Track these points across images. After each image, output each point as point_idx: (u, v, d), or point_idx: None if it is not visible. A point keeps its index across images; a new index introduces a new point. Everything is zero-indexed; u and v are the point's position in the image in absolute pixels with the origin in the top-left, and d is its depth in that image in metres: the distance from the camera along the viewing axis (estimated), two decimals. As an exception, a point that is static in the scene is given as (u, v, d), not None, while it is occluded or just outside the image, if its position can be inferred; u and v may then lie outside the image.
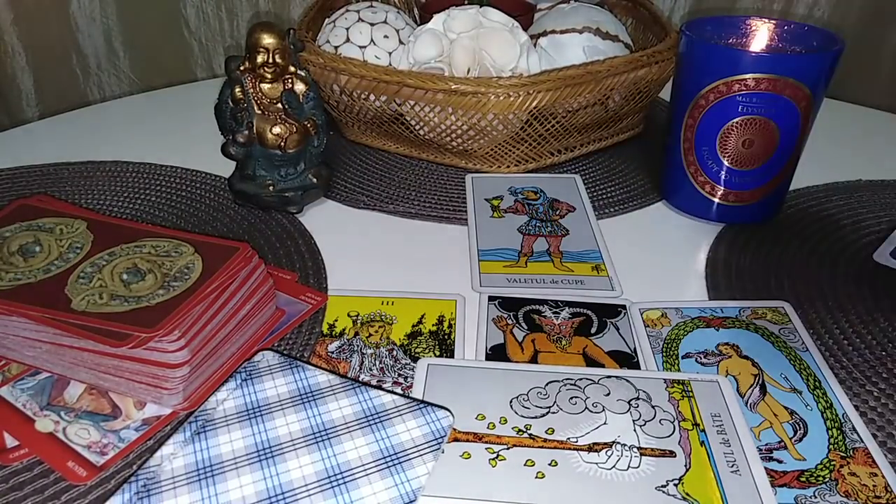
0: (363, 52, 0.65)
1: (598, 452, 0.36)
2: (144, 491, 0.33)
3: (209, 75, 1.10)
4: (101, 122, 0.76)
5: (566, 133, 0.64)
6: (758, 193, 0.56)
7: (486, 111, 0.59)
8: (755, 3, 1.03)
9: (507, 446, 0.37)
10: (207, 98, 0.60)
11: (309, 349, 0.44)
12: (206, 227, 0.57)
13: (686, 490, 0.34)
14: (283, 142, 0.55)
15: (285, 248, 0.54)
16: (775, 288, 0.50)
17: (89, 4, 0.99)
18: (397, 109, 0.63)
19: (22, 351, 0.41)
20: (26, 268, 0.42)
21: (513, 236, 0.56)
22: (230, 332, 0.41)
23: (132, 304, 0.39)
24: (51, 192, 0.61)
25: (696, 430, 0.38)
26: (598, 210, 0.60)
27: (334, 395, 0.39)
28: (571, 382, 0.41)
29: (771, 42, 0.58)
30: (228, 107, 0.56)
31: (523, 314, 0.47)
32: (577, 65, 0.60)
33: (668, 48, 0.64)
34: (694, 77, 0.54)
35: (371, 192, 0.62)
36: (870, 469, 0.36)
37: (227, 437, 0.36)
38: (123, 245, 0.44)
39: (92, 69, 1.04)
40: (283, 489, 0.33)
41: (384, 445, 0.35)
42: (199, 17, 1.06)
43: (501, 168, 0.66)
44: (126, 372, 0.38)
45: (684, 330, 0.46)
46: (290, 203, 0.58)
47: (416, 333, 0.45)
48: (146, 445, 0.37)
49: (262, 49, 0.54)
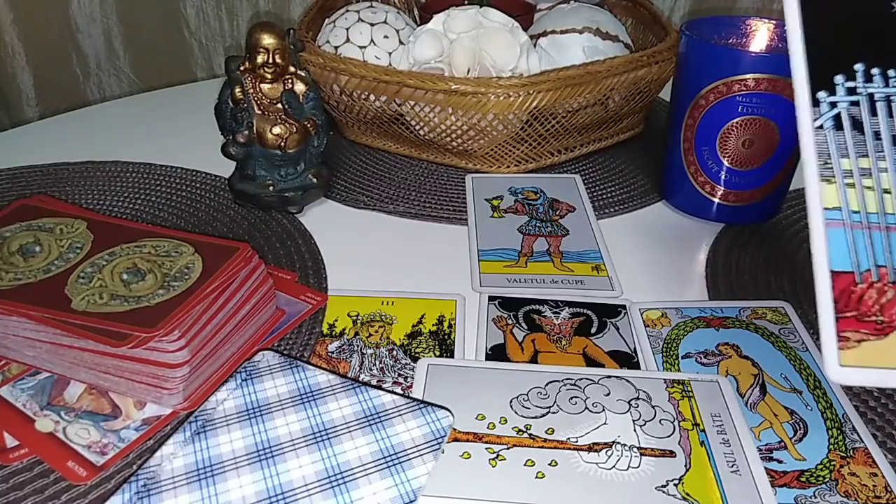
0: (363, 52, 0.65)
1: (598, 452, 0.36)
2: (144, 491, 0.33)
3: (209, 75, 1.10)
4: (101, 122, 0.76)
5: (566, 133, 0.64)
6: (758, 193, 0.56)
7: (486, 111, 0.59)
8: (755, 3, 1.03)
9: (507, 446, 0.37)
10: (207, 98, 0.60)
11: (309, 349, 0.44)
12: (206, 227, 0.57)
13: (686, 490, 0.34)
14: (283, 142, 0.55)
15: (285, 248, 0.54)
16: (775, 288, 0.50)
17: (89, 4, 0.99)
18: (397, 109, 0.63)
19: (22, 351, 0.41)
20: (26, 268, 0.42)
21: (513, 236, 0.56)
22: (230, 332, 0.41)
23: (132, 304, 0.39)
24: (51, 192, 0.61)
25: (696, 430, 0.38)
26: (598, 210, 0.60)
27: (334, 395, 0.39)
28: (571, 382, 0.41)
29: (771, 42, 0.58)
30: (228, 107, 0.56)
31: (523, 314, 0.47)
32: (577, 65, 0.60)
33: (668, 48, 0.64)
34: (694, 77, 0.54)
35: (371, 192, 0.62)
36: (870, 469, 0.36)
37: (227, 437, 0.36)
38: (123, 245, 0.44)
39: (92, 69, 1.04)
40: (283, 489, 0.33)
41: (384, 445, 0.35)
42: (199, 17, 1.06)
43: (501, 168, 0.66)
44: (126, 372, 0.38)
45: (684, 330, 0.46)
46: (290, 203, 0.58)
47: (416, 333, 0.45)
48: (146, 445, 0.37)
49: (262, 49, 0.54)
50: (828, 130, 0.28)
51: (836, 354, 0.26)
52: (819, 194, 0.28)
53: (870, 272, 0.28)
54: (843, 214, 0.28)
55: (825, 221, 0.28)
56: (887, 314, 0.27)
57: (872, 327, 0.27)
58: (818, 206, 0.28)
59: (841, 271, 0.28)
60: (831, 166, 0.28)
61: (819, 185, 0.28)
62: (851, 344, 0.27)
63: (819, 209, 0.28)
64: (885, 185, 0.28)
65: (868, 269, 0.28)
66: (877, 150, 0.29)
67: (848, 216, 0.28)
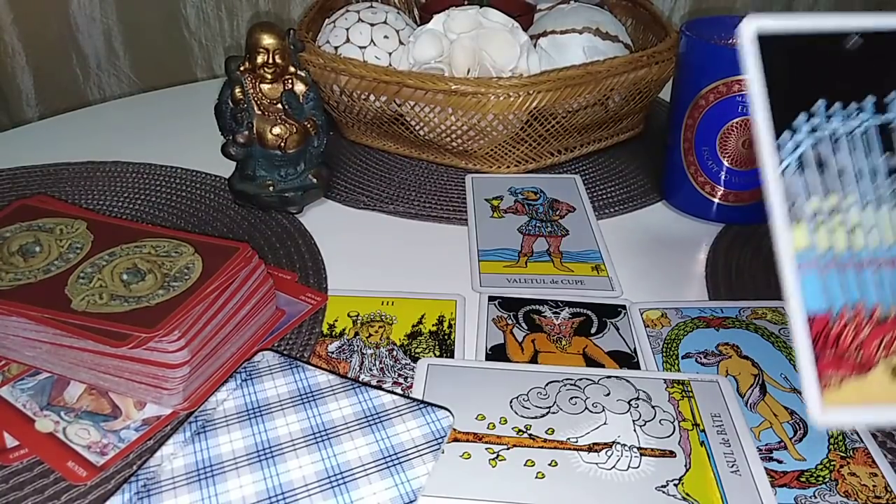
0: (363, 52, 0.65)
1: (598, 452, 0.36)
2: (144, 491, 0.33)
3: (209, 75, 1.10)
4: (101, 122, 0.76)
5: (566, 133, 0.64)
6: (758, 193, 0.56)
7: (486, 111, 0.59)
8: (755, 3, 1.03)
9: (507, 446, 0.37)
10: (207, 98, 0.60)
11: (309, 349, 0.44)
12: (206, 227, 0.57)
13: (686, 490, 0.34)
14: (283, 142, 0.55)
15: (285, 248, 0.54)
16: (775, 288, 0.50)
17: (89, 4, 0.99)
18: (397, 110, 0.63)
19: (22, 351, 0.41)
20: (26, 268, 0.42)
21: (513, 236, 0.56)
22: (230, 332, 0.41)
23: (132, 304, 0.39)
24: (51, 192, 0.61)
25: (696, 430, 0.38)
26: (598, 210, 0.60)
27: (334, 395, 0.39)
28: (571, 382, 0.41)
29: (771, 42, 0.58)
30: (228, 107, 0.56)
31: (523, 314, 0.47)
32: (577, 65, 0.60)
33: (668, 48, 0.64)
34: (694, 77, 0.54)
35: (371, 192, 0.62)
36: (870, 469, 0.36)
37: (227, 437, 0.36)
38: (123, 245, 0.44)
39: (92, 69, 1.04)
40: (283, 489, 0.33)
41: (384, 445, 0.35)
42: (199, 17, 1.06)
43: (501, 168, 0.66)
44: (126, 372, 0.38)
45: (684, 330, 0.46)
46: (290, 203, 0.58)
47: (416, 333, 0.45)
48: (146, 445, 0.37)
49: (262, 49, 0.54)
50: (793, 172, 0.28)
51: (819, 398, 0.26)
52: (789, 238, 0.28)
53: (845, 310, 0.27)
54: (815, 255, 0.28)
55: (797, 265, 0.28)
56: (866, 351, 0.27)
57: (853, 366, 0.27)
58: (789, 249, 0.28)
59: (816, 313, 0.27)
60: (799, 207, 0.28)
61: (788, 228, 0.28)
62: (833, 386, 0.26)
63: (790, 253, 0.28)
64: (853, 221, 0.28)
65: (843, 308, 0.27)
66: (843, 187, 0.28)
67: (819, 256, 0.28)
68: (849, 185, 0.29)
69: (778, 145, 0.28)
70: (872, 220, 0.28)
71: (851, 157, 0.29)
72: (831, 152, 0.29)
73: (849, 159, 0.29)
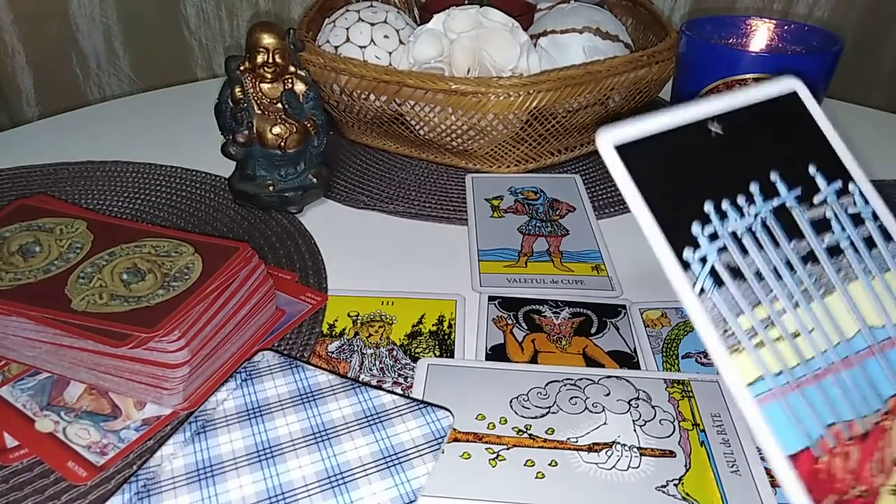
0: (363, 52, 0.65)
1: (598, 452, 0.36)
2: (144, 491, 0.33)
3: (209, 75, 1.10)
4: (101, 122, 0.76)
5: (566, 133, 0.64)
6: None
7: (486, 111, 0.59)
8: (755, 3, 1.03)
9: (507, 446, 0.37)
10: (207, 98, 0.60)
11: (309, 349, 0.44)
12: (206, 227, 0.57)
13: (686, 490, 0.34)
14: (283, 142, 0.55)
15: (285, 248, 0.54)
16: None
17: (89, 4, 0.99)
18: (397, 109, 0.63)
19: (22, 351, 0.41)
20: (26, 268, 0.42)
21: (513, 236, 0.56)
22: (230, 332, 0.41)
23: (132, 304, 0.39)
24: (51, 192, 0.61)
25: (696, 430, 0.38)
26: (598, 210, 0.60)
27: (334, 395, 0.39)
28: (571, 382, 0.41)
29: (771, 42, 0.58)
30: (228, 107, 0.56)
31: (523, 314, 0.47)
32: (577, 65, 0.60)
33: (668, 48, 0.64)
34: (694, 77, 0.54)
35: (371, 192, 0.62)
36: (870, 469, 0.36)
37: (227, 437, 0.36)
38: (123, 245, 0.44)
39: (92, 69, 1.04)
40: (283, 489, 0.33)
41: (384, 445, 0.35)
42: (199, 17, 1.06)
43: (501, 168, 0.66)
44: (126, 372, 0.38)
45: (684, 330, 0.46)
46: (290, 203, 0.58)
47: (416, 333, 0.45)
48: (146, 445, 0.37)
49: (262, 49, 0.54)
50: (711, 291, 0.25)
51: None
52: (735, 373, 0.24)
53: (824, 438, 0.24)
54: (769, 383, 0.24)
55: (755, 401, 0.24)
56: (863, 479, 0.24)
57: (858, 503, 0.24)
58: (741, 385, 0.24)
59: (797, 452, 0.24)
60: (732, 332, 0.24)
61: (730, 360, 0.24)
62: None
63: (743, 388, 0.24)
64: (790, 328, 0.25)
65: (821, 435, 0.24)
66: (766, 292, 0.25)
67: (774, 382, 0.24)
68: (772, 287, 0.26)
69: (685, 264, 0.26)
70: (809, 320, 0.25)
71: (761, 254, 0.26)
72: (740, 256, 0.26)
73: (759, 257, 0.26)
